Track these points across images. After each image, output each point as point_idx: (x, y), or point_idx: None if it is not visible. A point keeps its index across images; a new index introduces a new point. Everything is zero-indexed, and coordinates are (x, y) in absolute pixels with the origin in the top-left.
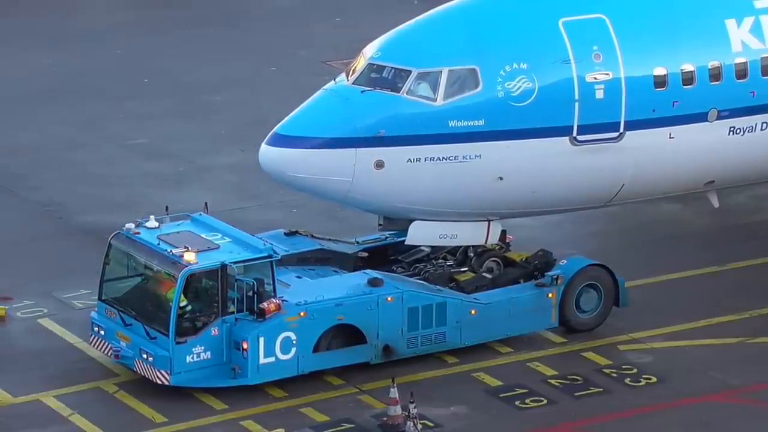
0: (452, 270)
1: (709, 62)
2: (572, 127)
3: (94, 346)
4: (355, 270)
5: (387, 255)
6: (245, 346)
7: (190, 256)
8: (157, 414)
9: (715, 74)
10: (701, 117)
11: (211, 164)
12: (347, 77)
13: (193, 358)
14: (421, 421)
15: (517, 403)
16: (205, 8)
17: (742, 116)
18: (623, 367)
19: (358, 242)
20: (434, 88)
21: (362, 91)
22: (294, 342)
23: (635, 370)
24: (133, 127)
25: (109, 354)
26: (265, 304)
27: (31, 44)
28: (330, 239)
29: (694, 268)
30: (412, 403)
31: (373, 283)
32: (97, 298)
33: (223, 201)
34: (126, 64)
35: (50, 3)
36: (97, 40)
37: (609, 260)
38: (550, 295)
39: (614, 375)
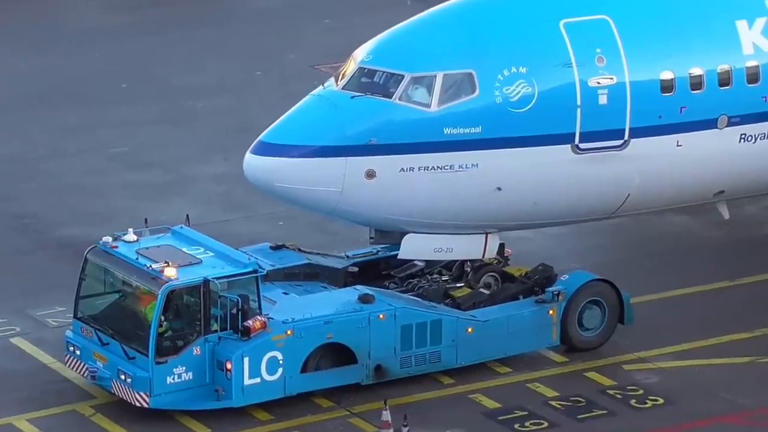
0: (448, 286)
1: (718, 66)
2: (574, 134)
3: (69, 366)
4: (345, 286)
5: (379, 270)
6: (229, 366)
7: (170, 272)
8: None
9: (725, 78)
10: (710, 123)
11: (194, 174)
12: (337, 82)
13: (173, 379)
14: None
15: (516, 426)
16: (187, 10)
17: (753, 123)
18: (629, 388)
19: (348, 256)
20: (428, 93)
21: (352, 97)
22: (281, 362)
23: (641, 391)
24: (112, 134)
25: (85, 375)
26: (250, 322)
27: (8, 47)
28: (319, 253)
29: (703, 283)
30: (405, 426)
31: (364, 299)
32: (72, 315)
33: (206, 213)
34: (105, 68)
35: (27, 5)
36: (75, 44)
37: (613, 275)
38: (551, 312)
39: (619, 396)
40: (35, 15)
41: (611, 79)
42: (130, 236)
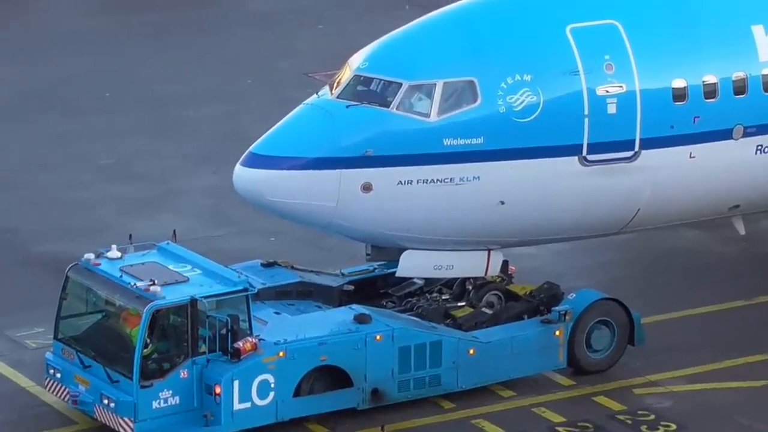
0: (448, 305)
1: (733, 73)
2: (582, 145)
3: (49, 390)
4: (340, 305)
5: (376, 288)
6: (218, 390)
7: (156, 290)
8: None
9: (741, 86)
10: (725, 134)
11: (182, 187)
12: (331, 90)
13: (159, 403)
14: None
15: None
16: (175, 14)
17: None
18: (639, 412)
19: (343, 274)
20: (428, 102)
21: (348, 106)
22: (272, 385)
23: (653, 416)
24: (97, 145)
25: (66, 399)
26: (240, 344)
27: None
28: (312, 271)
29: (718, 302)
30: None
31: (360, 319)
32: (52, 336)
33: (194, 228)
34: (90, 75)
35: (5, 6)
36: (56, 49)
37: (623, 294)
38: (557, 332)
39: (629, 422)
40: (14, 17)
41: (620, 87)
42: (114, 253)
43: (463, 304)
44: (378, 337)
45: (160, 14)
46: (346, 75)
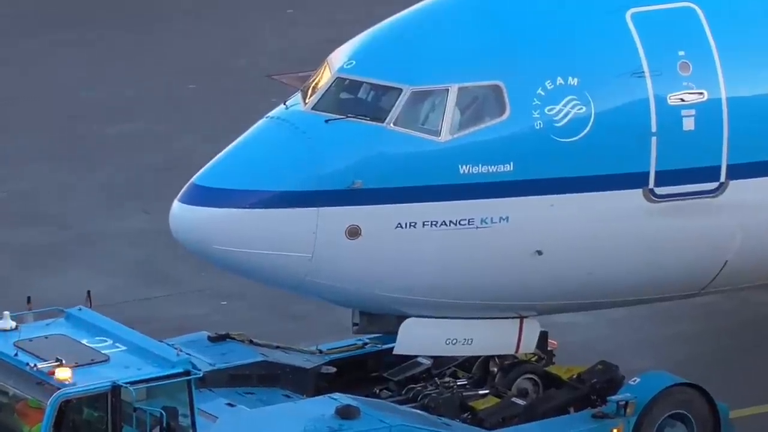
0: (466, 393)
1: None
2: (648, 174)
3: None
4: (317, 394)
5: (366, 371)
6: None
7: (64, 374)
8: None
9: None
10: None
11: (100, 231)
12: (305, 99)
13: None
14: None
15: None
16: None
17: None
18: None
19: (321, 351)
20: (437, 115)
21: (327, 120)
22: None
23: None
24: None
25: None
26: None
27: None
28: (279, 347)
29: None
30: None
31: (345, 413)
32: None
33: (117, 288)
34: None
35: None
36: None
37: (704, 377)
38: (615, 430)
39: None
40: None
41: (701, 94)
42: (7, 322)
43: (487, 391)
44: None
45: (73, 2)
46: (325, 78)
